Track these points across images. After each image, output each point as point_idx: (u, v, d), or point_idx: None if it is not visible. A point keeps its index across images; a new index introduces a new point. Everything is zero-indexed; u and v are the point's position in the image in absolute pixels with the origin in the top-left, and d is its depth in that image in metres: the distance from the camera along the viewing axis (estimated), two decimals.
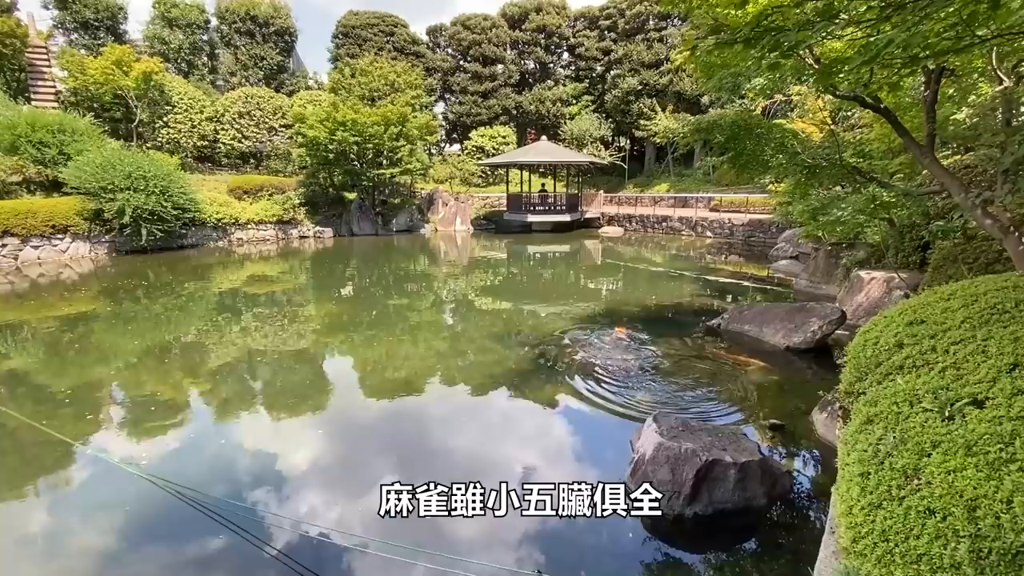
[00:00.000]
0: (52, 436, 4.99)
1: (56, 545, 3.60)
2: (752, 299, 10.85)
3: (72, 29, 24.61)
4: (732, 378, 6.39)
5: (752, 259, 16.14)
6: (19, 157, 16.90)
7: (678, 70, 28.85)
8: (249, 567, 3.39)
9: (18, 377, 6.80)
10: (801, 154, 5.81)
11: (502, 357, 7.26)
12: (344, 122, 20.68)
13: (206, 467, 4.60)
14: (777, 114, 21.72)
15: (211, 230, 19.80)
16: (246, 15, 27.82)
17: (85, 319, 9.95)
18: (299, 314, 10.33)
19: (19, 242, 15.82)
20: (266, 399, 6.20)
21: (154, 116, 22.25)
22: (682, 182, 30.14)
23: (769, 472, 3.88)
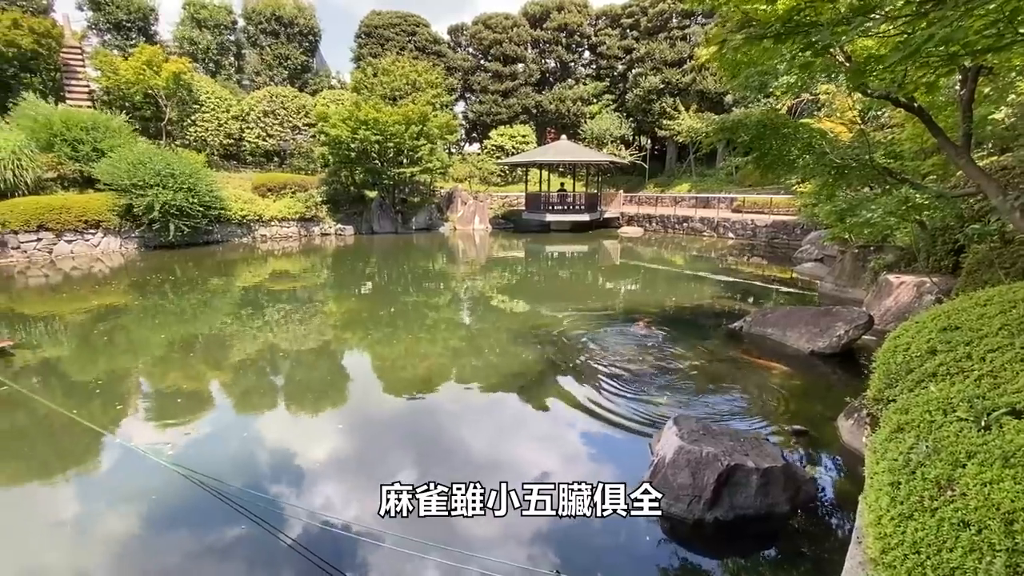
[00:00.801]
0: (83, 424, 5.16)
1: (85, 530, 3.72)
2: (775, 302, 10.65)
3: (105, 30, 25.36)
4: (754, 382, 6.28)
5: (775, 261, 15.83)
6: (55, 154, 17.48)
7: (701, 68, 28.45)
8: (268, 557, 3.44)
9: (51, 366, 7.04)
10: (829, 154, 5.68)
11: (518, 356, 7.25)
12: (366, 121, 20.90)
13: (228, 458, 4.69)
14: (803, 113, 21.26)
15: (236, 227, 20.20)
16: (272, 15, 28.32)
17: (115, 312, 10.25)
18: (320, 310, 10.48)
19: (54, 236, 16.36)
20: (286, 393, 6.31)
21: (183, 115, 22.79)
22: (704, 182, 29.71)
23: (792, 478, 3.80)
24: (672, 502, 3.70)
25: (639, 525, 3.74)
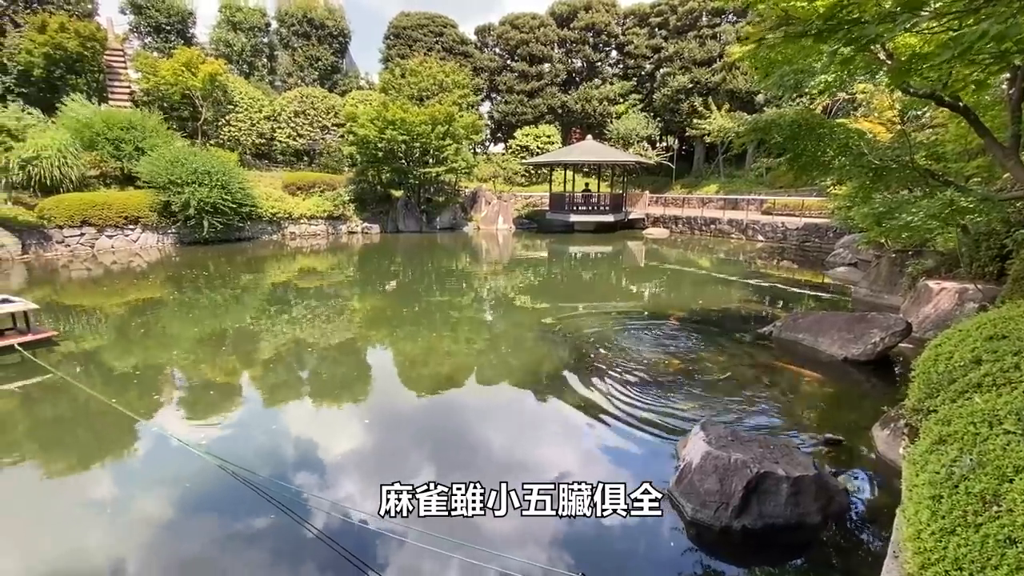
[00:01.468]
0: (121, 412, 5.36)
1: (123, 513, 3.86)
2: (806, 307, 10.37)
3: (146, 33, 26.30)
4: (784, 388, 6.13)
5: (806, 265, 15.42)
6: (98, 152, 18.23)
7: (731, 67, 27.89)
8: (294, 545, 3.52)
9: (92, 356, 7.34)
10: (868, 155, 5.50)
11: (541, 357, 7.24)
12: (393, 121, 21.17)
13: (257, 449, 4.82)
14: (839, 113, 20.64)
15: (266, 224, 20.72)
16: (303, 17, 28.93)
17: (151, 306, 10.63)
18: (346, 308, 10.66)
19: (96, 231, 17.07)
20: (313, 388, 6.44)
21: (218, 115, 23.48)
22: (733, 183, 29.12)
23: (824, 489, 3.70)
24: (698, 508, 3.64)
25: (664, 530, 3.70)
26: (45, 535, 3.63)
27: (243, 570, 3.32)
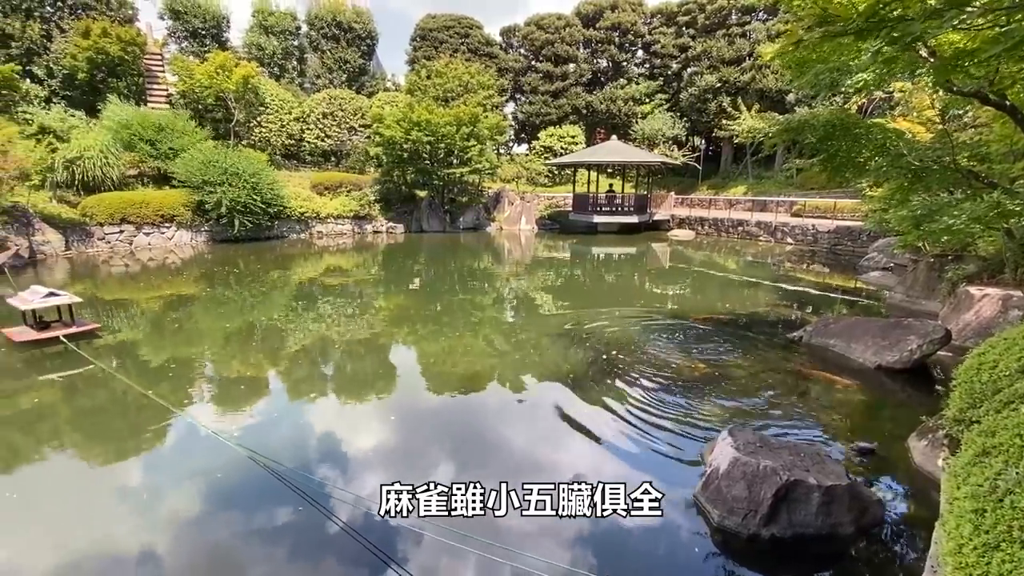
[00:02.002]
0: (158, 403, 5.56)
1: (158, 500, 4.00)
2: (838, 312, 10.08)
3: (183, 37, 27.14)
4: (815, 395, 5.98)
5: (838, 269, 14.98)
6: (136, 152, 18.92)
7: (761, 66, 27.31)
8: (319, 536, 3.59)
9: (129, 349, 7.62)
10: (907, 156, 5.32)
11: (563, 358, 7.21)
12: (419, 122, 21.38)
13: (285, 441, 4.93)
14: (874, 113, 20.01)
15: (294, 223, 21.18)
16: (332, 21, 29.45)
17: (185, 301, 10.98)
18: (370, 306, 10.82)
19: (134, 229, 17.72)
20: (339, 384, 6.55)
21: (249, 116, 24.08)
22: (761, 184, 28.51)
23: (858, 499, 3.60)
24: (725, 515, 3.58)
25: (689, 535, 3.65)
26: (84, 518, 3.79)
27: (270, 558, 3.41)
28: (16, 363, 6.87)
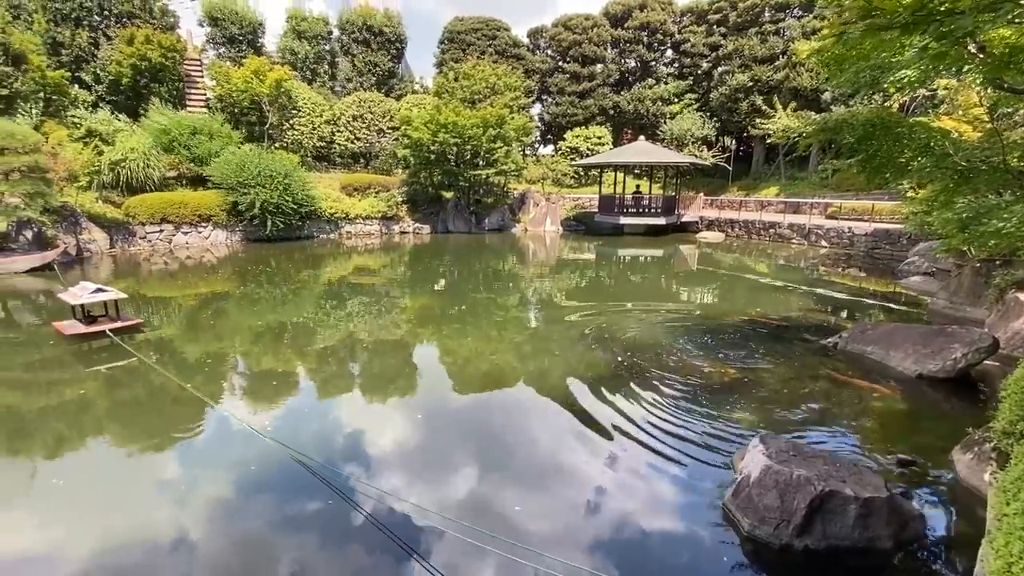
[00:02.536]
0: (196, 396, 5.76)
1: (195, 489, 4.14)
2: (875, 318, 9.73)
3: (220, 43, 28.10)
4: (851, 404, 5.78)
5: (876, 273, 14.45)
6: (175, 155, 19.65)
7: (795, 64, 26.58)
8: (347, 528, 3.66)
9: (168, 343, 7.91)
10: (953, 156, 5.10)
11: (587, 361, 7.16)
12: (445, 124, 21.59)
13: (315, 436, 5.03)
14: (916, 111, 19.24)
15: (324, 223, 21.64)
16: (363, 25, 30.02)
17: (221, 298, 11.34)
18: (396, 305, 10.97)
19: (173, 228, 18.41)
20: (366, 381, 6.66)
21: (282, 119, 24.75)
22: (794, 186, 27.75)
23: (897, 512, 3.46)
24: (756, 524, 3.50)
25: (718, 543, 3.57)
26: (126, 504, 3.95)
27: (301, 546, 3.48)
28: (65, 355, 7.22)
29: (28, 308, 10.38)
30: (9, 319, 9.58)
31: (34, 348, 7.59)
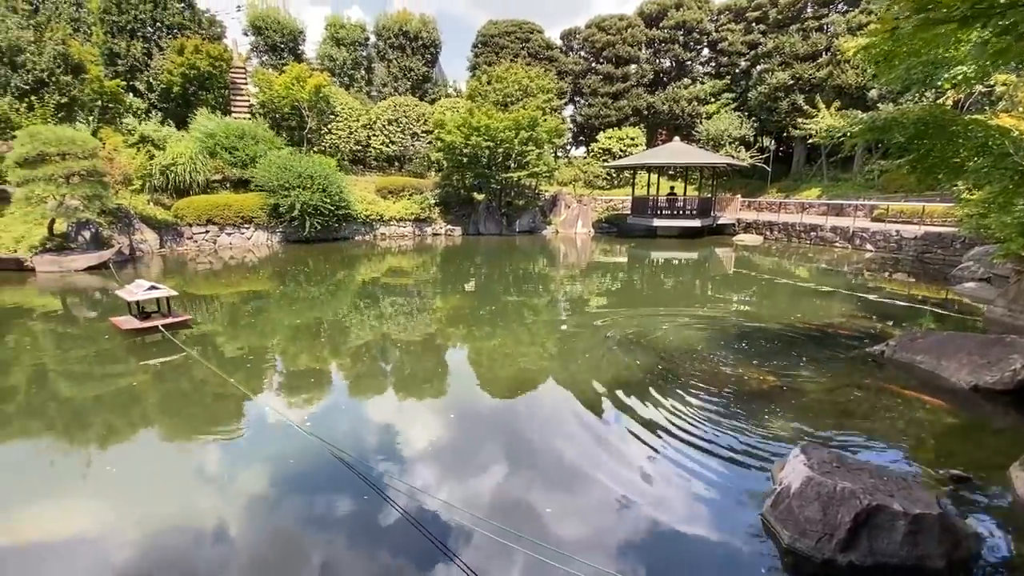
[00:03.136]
0: (240, 391, 5.99)
1: (236, 480, 4.31)
2: (926, 325, 9.27)
3: (263, 51, 29.16)
4: (899, 415, 5.53)
5: (926, 279, 13.77)
6: (219, 159, 20.49)
7: (840, 61, 25.60)
8: (380, 522, 3.74)
9: (213, 339, 8.25)
10: (1013, 156, 4.82)
11: (618, 365, 7.08)
12: (478, 127, 21.77)
13: (352, 433, 5.16)
14: (972, 108, 18.24)
15: (360, 225, 22.15)
16: (399, 31, 30.59)
17: (263, 297, 11.76)
18: (428, 306, 11.13)
19: (218, 229, 19.20)
20: (400, 380, 6.78)
21: (321, 124, 25.47)
22: (837, 187, 26.72)
23: (950, 530, 3.29)
24: (797, 536, 3.39)
25: (757, 555, 3.48)
26: (174, 492, 4.15)
27: (336, 539, 3.58)
28: (121, 349, 7.63)
29: (87, 304, 11.02)
30: (69, 314, 10.19)
31: (93, 342, 8.05)
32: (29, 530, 3.72)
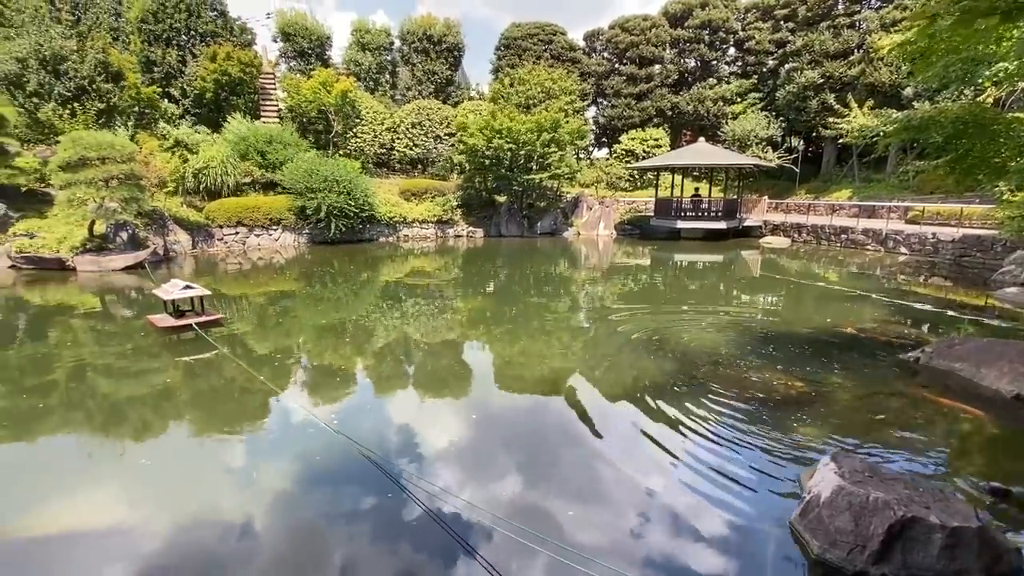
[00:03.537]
0: (269, 388, 6.14)
1: (264, 476, 4.41)
2: (964, 331, 8.93)
3: (292, 57, 29.85)
4: (935, 424, 5.34)
5: (964, 283, 13.26)
6: (249, 162, 21.04)
7: (872, 59, 24.87)
8: (401, 518, 3.78)
9: (243, 338, 8.47)
10: None
11: (640, 368, 7.01)
12: (500, 130, 21.86)
13: (376, 431, 5.23)
14: (1013, 106, 17.50)
15: (383, 227, 22.46)
16: (424, 35, 30.94)
17: (290, 297, 12.03)
18: (450, 307, 11.20)
19: (247, 231, 19.70)
20: (424, 380, 6.85)
21: (346, 127, 25.93)
22: (869, 188, 25.94)
23: (989, 544, 3.17)
24: (827, 547, 3.30)
25: (782, 564, 3.40)
26: (205, 486, 4.27)
27: (361, 535, 3.64)
28: (157, 346, 7.91)
29: (124, 302, 11.44)
30: (108, 312, 10.60)
31: (131, 338, 8.36)
32: (70, 518, 3.89)
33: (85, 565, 3.44)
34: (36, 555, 3.53)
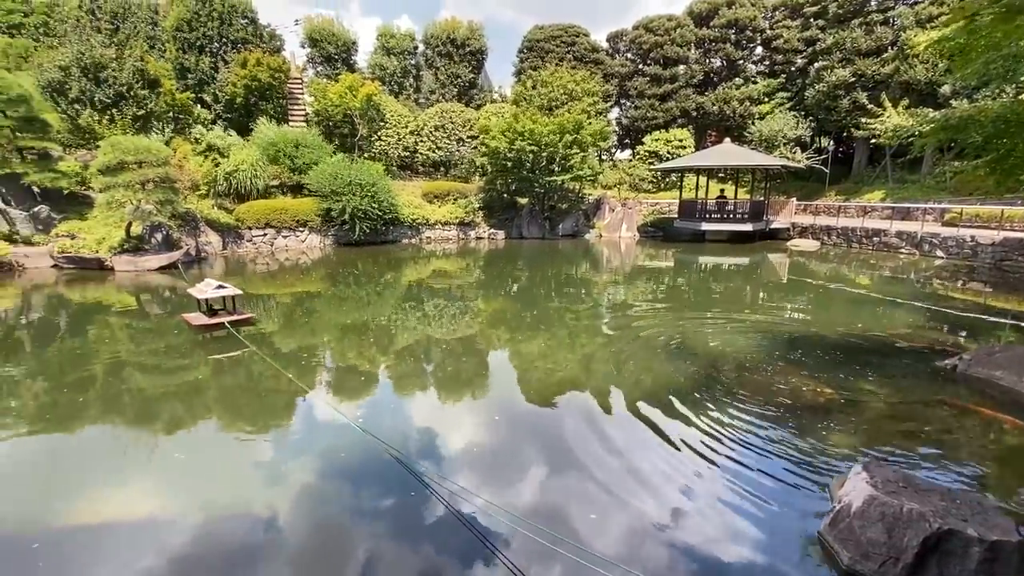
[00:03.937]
0: (297, 385, 6.28)
1: (292, 471, 4.52)
2: (1005, 339, 8.57)
3: (319, 62, 30.48)
4: (974, 435, 5.14)
5: (1005, 288, 12.72)
6: (278, 166, 21.55)
7: (907, 56, 24.08)
8: (424, 516, 3.82)
9: (273, 336, 8.68)
10: None
11: (663, 373, 6.92)
12: (522, 132, 21.90)
13: (400, 429, 5.30)
14: None
15: (406, 228, 22.74)
16: (447, 39, 31.23)
17: (317, 297, 12.28)
18: (472, 308, 11.27)
19: (275, 232, 20.18)
20: (447, 381, 6.91)
21: (371, 131, 26.34)
22: (903, 189, 25.11)
23: None
24: (858, 558, 3.22)
25: (812, 574, 3.33)
26: (236, 479, 4.40)
27: (384, 531, 3.69)
28: (191, 344, 8.17)
29: (158, 301, 11.85)
30: (143, 310, 10.99)
31: (165, 336, 8.66)
32: (109, 508, 4.05)
33: (123, 552, 3.58)
34: (80, 541, 3.69)
